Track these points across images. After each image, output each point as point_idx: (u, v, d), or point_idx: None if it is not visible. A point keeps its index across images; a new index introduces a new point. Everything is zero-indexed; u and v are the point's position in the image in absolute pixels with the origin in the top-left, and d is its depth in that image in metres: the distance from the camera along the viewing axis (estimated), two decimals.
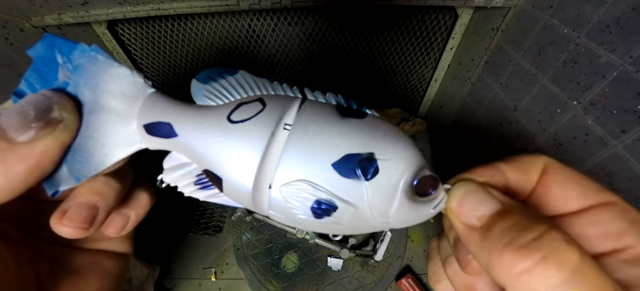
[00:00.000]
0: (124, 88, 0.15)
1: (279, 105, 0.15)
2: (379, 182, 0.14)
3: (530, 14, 0.48)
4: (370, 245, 0.64)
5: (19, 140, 0.11)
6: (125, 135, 0.15)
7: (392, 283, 0.64)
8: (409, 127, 0.85)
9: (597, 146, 0.38)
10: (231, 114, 0.15)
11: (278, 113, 0.15)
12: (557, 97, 0.44)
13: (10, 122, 0.11)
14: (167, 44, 0.68)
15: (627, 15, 0.34)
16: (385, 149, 0.14)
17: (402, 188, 0.14)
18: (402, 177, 0.14)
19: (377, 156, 0.14)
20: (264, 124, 0.14)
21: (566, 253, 0.10)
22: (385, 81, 0.78)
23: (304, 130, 0.14)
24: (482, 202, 0.13)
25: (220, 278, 0.66)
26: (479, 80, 0.62)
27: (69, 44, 0.14)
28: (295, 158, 0.14)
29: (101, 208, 0.15)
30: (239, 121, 0.15)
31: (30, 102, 0.12)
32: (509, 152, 0.55)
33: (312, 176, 0.14)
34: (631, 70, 0.34)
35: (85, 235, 0.15)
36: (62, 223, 0.14)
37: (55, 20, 0.52)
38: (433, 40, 0.67)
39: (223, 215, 0.74)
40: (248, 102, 0.15)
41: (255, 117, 0.15)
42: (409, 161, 0.14)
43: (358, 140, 0.14)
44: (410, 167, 0.14)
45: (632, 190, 0.35)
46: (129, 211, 0.17)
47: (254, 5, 0.52)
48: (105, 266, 0.19)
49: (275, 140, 0.14)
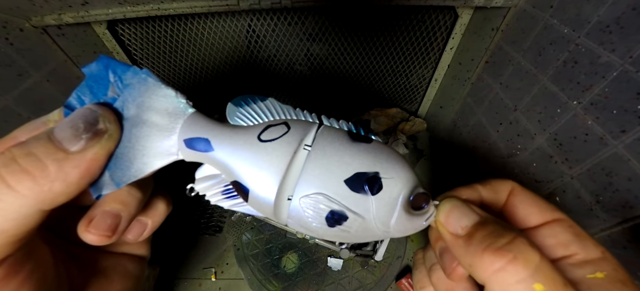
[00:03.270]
0: (167, 107, 0.17)
1: (301, 128, 0.18)
2: (382, 197, 0.16)
3: (530, 14, 0.48)
4: (370, 245, 0.64)
5: (73, 150, 0.13)
6: (165, 147, 0.17)
7: (392, 283, 0.64)
8: (409, 127, 0.85)
9: (597, 146, 0.39)
10: (261, 134, 0.17)
11: (300, 135, 0.17)
12: (557, 97, 0.44)
13: (65, 134, 0.13)
14: (167, 44, 0.68)
15: (627, 15, 0.34)
16: (387, 169, 0.17)
17: (401, 202, 0.17)
18: (401, 192, 0.17)
19: (382, 175, 0.16)
20: (288, 144, 0.17)
21: (530, 254, 0.13)
22: (385, 81, 0.78)
23: (321, 151, 0.17)
24: (465, 215, 0.16)
25: (220, 278, 0.66)
26: (479, 80, 0.62)
27: (123, 66, 0.16)
28: (313, 174, 0.17)
29: (124, 217, 0.16)
30: (268, 140, 0.17)
31: (79, 116, 0.14)
32: (509, 152, 0.55)
33: (327, 190, 0.16)
34: (631, 70, 0.34)
35: (109, 242, 0.16)
36: (89, 230, 0.15)
37: (55, 20, 0.52)
38: (433, 40, 0.67)
39: (223, 215, 0.74)
40: (275, 125, 0.18)
41: (281, 138, 0.17)
42: (407, 180, 0.17)
43: (366, 161, 0.17)
44: (408, 185, 0.17)
45: (632, 190, 0.35)
46: (147, 219, 0.19)
47: (254, 5, 0.52)
48: (127, 268, 0.20)
49: (297, 158, 0.17)
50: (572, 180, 0.43)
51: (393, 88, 0.81)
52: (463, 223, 0.16)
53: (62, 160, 0.13)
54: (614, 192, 0.37)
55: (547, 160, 0.46)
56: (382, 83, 0.79)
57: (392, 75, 0.77)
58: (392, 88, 0.81)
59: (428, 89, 0.79)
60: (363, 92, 0.82)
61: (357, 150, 0.17)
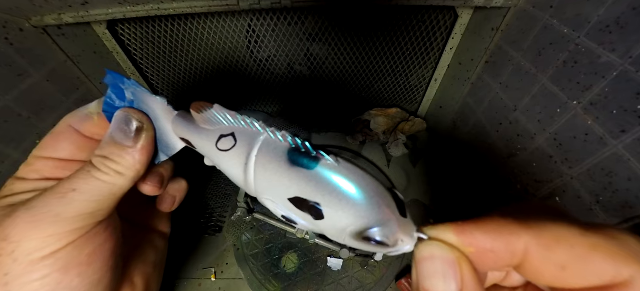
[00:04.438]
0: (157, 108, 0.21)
1: (246, 142, 0.18)
2: (327, 224, 0.15)
3: (530, 14, 0.48)
4: None
5: (129, 145, 0.19)
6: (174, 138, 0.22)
7: (392, 283, 0.64)
8: (409, 127, 0.85)
9: (597, 146, 0.38)
10: (217, 143, 0.19)
11: (245, 149, 0.18)
12: (557, 97, 0.44)
13: (120, 137, 0.19)
14: (167, 44, 0.68)
15: (627, 15, 0.34)
16: (330, 203, 0.15)
17: (350, 234, 0.15)
18: (347, 228, 0.15)
19: (322, 207, 0.15)
20: (238, 157, 0.18)
21: None
22: (385, 81, 0.78)
23: (263, 168, 0.17)
24: (441, 277, 0.12)
25: (220, 278, 0.66)
26: (479, 80, 0.62)
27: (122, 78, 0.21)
28: (263, 185, 0.17)
29: (165, 177, 0.23)
30: (223, 150, 0.19)
31: (121, 120, 0.20)
32: (509, 152, 0.55)
33: (276, 199, 0.17)
34: (631, 70, 0.34)
35: (157, 193, 0.23)
36: (146, 183, 0.22)
37: (55, 20, 0.52)
38: (433, 40, 0.67)
39: (223, 215, 0.75)
40: (226, 135, 0.19)
41: (232, 151, 0.19)
42: (356, 219, 0.14)
43: (306, 190, 0.15)
44: (357, 225, 0.14)
45: (632, 190, 0.35)
46: (175, 193, 0.25)
47: (254, 5, 0.52)
48: (156, 243, 0.27)
49: (249, 169, 0.18)
50: (572, 180, 0.43)
51: (393, 88, 0.81)
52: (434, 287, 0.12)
53: (127, 152, 0.19)
54: (614, 192, 0.37)
55: (547, 160, 0.46)
56: (382, 84, 0.79)
57: (392, 75, 0.77)
58: (392, 88, 0.81)
59: (428, 89, 0.79)
60: (363, 92, 0.82)
61: (297, 176, 0.15)
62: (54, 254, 0.16)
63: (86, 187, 0.17)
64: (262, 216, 0.64)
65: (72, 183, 0.17)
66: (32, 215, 0.16)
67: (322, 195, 0.15)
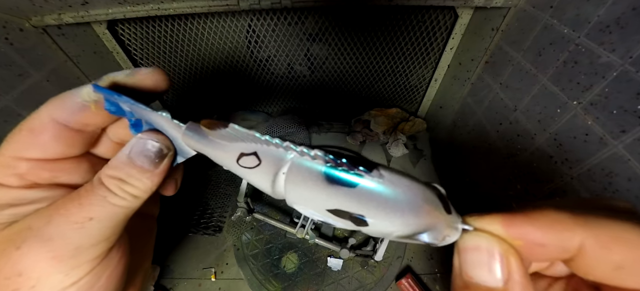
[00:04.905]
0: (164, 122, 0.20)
1: (272, 163, 0.17)
2: (371, 229, 0.15)
3: (530, 14, 0.48)
4: (370, 245, 0.64)
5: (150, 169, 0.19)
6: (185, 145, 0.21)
7: (392, 283, 0.64)
8: (409, 127, 0.85)
9: (597, 146, 0.38)
10: (239, 161, 0.18)
11: (273, 169, 0.17)
12: (557, 97, 0.44)
13: (144, 163, 0.19)
14: (167, 44, 0.68)
15: (627, 15, 0.34)
16: (376, 216, 0.14)
17: (396, 237, 0.15)
18: (393, 233, 0.15)
19: (367, 218, 0.15)
20: (265, 174, 0.17)
21: None
22: (385, 81, 0.78)
23: (293, 184, 0.16)
24: (486, 268, 0.12)
25: (220, 278, 0.66)
26: (479, 80, 0.62)
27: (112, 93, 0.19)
28: (295, 197, 0.16)
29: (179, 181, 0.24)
30: (247, 167, 0.18)
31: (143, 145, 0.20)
32: (509, 152, 0.55)
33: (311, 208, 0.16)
34: (631, 70, 0.34)
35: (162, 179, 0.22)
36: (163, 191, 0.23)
37: (55, 20, 0.52)
38: (433, 40, 0.67)
39: (223, 215, 0.75)
40: (247, 154, 0.18)
41: (257, 169, 0.18)
42: (404, 227, 0.14)
43: (348, 205, 0.15)
44: (404, 231, 0.14)
45: (632, 190, 0.35)
46: (177, 176, 0.25)
47: (254, 5, 0.52)
48: (149, 225, 0.27)
49: (277, 186, 0.17)
50: (572, 180, 0.43)
51: (393, 88, 0.81)
52: (477, 279, 0.12)
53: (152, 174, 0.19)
54: (614, 192, 0.37)
55: (547, 160, 0.46)
56: (382, 84, 0.79)
57: (392, 75, 0.77)
58: (392, 88, 0.81)
59: (428, 89, 0.79)
60: (363, 92, 0.82)
61: (336, 193, 0.15)
62: (75, 284, 0.16)
63: (103, 214, 0.17)
64: (262, 216, 0.64)
65: (89, 211, 0.17)
66: (51, 249, 0.16)
67: (366, 209, 0.14)
